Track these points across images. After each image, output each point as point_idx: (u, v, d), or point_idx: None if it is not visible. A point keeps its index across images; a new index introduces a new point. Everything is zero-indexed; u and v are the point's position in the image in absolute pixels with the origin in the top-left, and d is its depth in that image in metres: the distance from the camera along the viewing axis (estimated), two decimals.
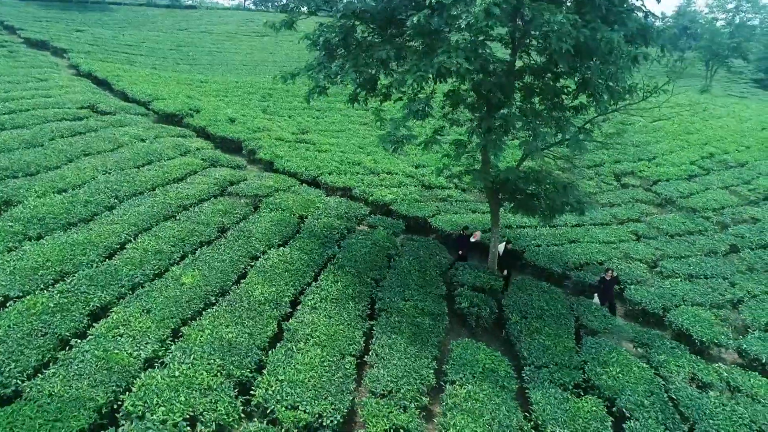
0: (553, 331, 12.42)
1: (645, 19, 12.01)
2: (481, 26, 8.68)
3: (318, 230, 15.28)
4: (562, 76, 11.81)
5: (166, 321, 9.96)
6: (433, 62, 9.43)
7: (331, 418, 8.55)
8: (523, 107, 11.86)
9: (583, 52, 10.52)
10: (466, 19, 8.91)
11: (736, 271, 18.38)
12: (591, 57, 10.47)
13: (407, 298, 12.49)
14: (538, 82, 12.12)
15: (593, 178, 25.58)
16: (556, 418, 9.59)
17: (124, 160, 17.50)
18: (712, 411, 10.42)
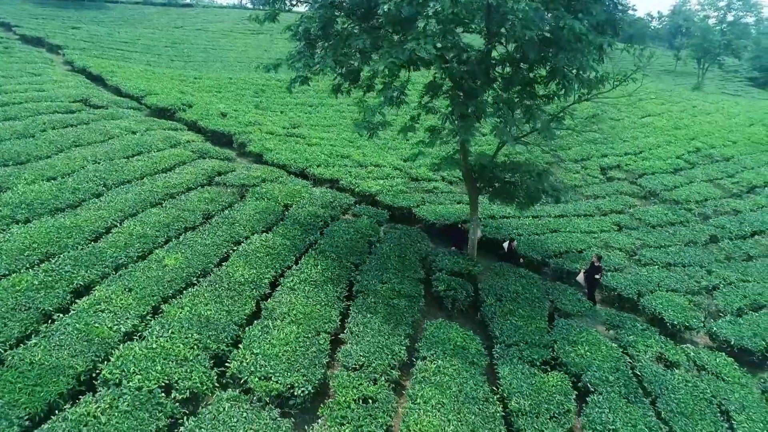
0: (527, 313, 12.79)
1: (614, 9, 12.34)
2: (448, 14, 9.05)
3: (302, 218, 15.65)
4: (534, 65, 12.15)
5: (147, 299, 10.34)
6: (404, 49, 9.80)
7: (303, 389, 8.93)
8: (495, 95, 12.21)
9: (552, 41, 10.90)
10: (434, 7, 9.29)
11: (714, 260, 18.78)
12: (559, 46, 10.80)
13: (385, 281, 12.86)
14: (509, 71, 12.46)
15: (579, 171, 25.94)
16: (521, 391, 9.96)
17: (113, 151, 17.87)
18: (674, 386, 10.80)
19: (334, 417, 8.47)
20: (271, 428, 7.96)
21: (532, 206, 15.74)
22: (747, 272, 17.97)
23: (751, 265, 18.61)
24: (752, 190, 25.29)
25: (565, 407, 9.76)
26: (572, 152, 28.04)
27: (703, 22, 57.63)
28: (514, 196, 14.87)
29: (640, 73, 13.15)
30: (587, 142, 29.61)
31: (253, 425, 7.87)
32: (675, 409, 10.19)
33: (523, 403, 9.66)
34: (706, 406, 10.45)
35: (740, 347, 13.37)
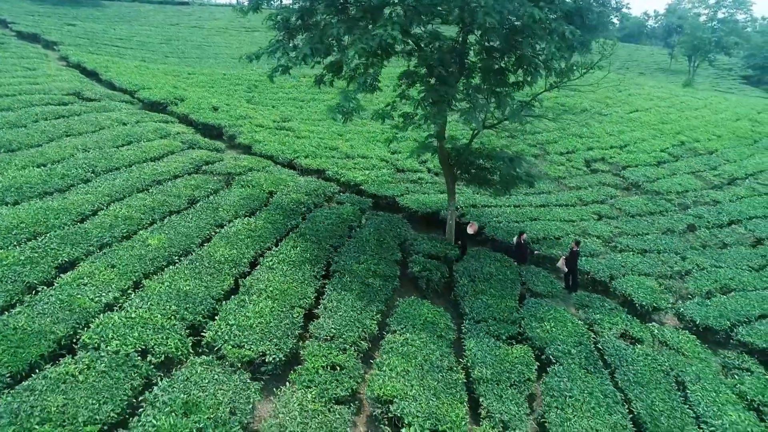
0: (498, 292, 13.28)
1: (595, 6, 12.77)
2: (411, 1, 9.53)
3: (285, 204, 16.13)
4: (504, 53, 12.62)
5: (129, 274, 10.82)
6: (373, 35, 10.29)
7: (274, 356, 9.41)
8: (466, 82, 12.68)
9: (517, 29, 11.38)
10: None
11: (690, 247, 19.28)
12: (524, 34, 11.28)
13: (361, 262, 13.34)
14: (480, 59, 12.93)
15: (564, 164, 26.39)
16: (485, 361, 10.45)
17: (104, 141, 18.36)
18: (633, 359, 11.28)
19: (302, 381, 8.96)
20: (241, 389, 8.44)
21: (508, 192, 16.26)
22: (721, 259, 18.46)
23: (725, 252, 19.09)
24: (733, 181, 25.80)
25: (526, 376, 10.24)
26: (558, 146, 28.51)
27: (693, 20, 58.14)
28: (490, 182, 15.37)
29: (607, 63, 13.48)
30: (573, 136, 30.08)
31: (223, 386, 8.35)
32: (632, 379, 10.67)
33: (486, 371, 10.14)
34: (663, 377, 10.93)
35: (705, 326, 13.87)
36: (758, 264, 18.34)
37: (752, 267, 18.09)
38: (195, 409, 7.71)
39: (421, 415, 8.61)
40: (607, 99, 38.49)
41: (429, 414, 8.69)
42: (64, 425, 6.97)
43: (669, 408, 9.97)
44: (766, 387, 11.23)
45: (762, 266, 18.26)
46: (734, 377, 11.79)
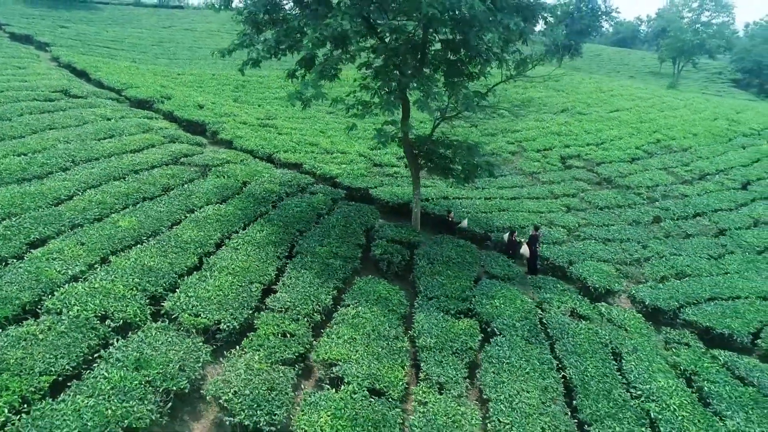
0: (455, 273, 13.92)
1: None
2: None
3: (257, 193, 16.80)
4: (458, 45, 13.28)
5: (97, 251, 11.48)
6: (325, 25, 10.99)
7: (228, 324, 10.06)
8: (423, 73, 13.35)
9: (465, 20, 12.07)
10: None
11: (653, 237, 19.95)
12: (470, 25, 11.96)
13: (324, 245, 14.00)
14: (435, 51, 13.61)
15: (540, 160, 27.07)
16: (430, 331, 11.09)
17: (86, 134, 19.05)
18: (575, 332, 11.92)
19: (252, 345, 9.60)
20: (192, 351, 9.08)
21: (471, 181, 16.92)
22: (681, 248, 19.13)
23: (687, 241, 19.76)
24: (704, 177, 26.48)
25: (469, 345, 10.88)
26: (536, 143, 29.19)
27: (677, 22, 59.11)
28: (452, 171, 16.04)
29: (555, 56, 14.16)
30: (552, 134, 30.78)
31: (176, 348, 8.99)
32: (570, 350, 11.30)
33: (430, 340, 10.79)
34: (601, 349, 11.56)
35: (654, 307, 14.53)
36: (717, 253, 19.01)
37: (711, 255, 18.76)
38: (146, 365, 8.35)
39: (360, 376, 9.25)
40: (588, 99, 39.26)
41: (369, 375, 9.33)
42: (21, 374, 7.60)
43: (600, 374, 10.59)
44: (699, 359, 11.87)
45: (721, 255, 18.92)
46: (672, 350, 12.42)
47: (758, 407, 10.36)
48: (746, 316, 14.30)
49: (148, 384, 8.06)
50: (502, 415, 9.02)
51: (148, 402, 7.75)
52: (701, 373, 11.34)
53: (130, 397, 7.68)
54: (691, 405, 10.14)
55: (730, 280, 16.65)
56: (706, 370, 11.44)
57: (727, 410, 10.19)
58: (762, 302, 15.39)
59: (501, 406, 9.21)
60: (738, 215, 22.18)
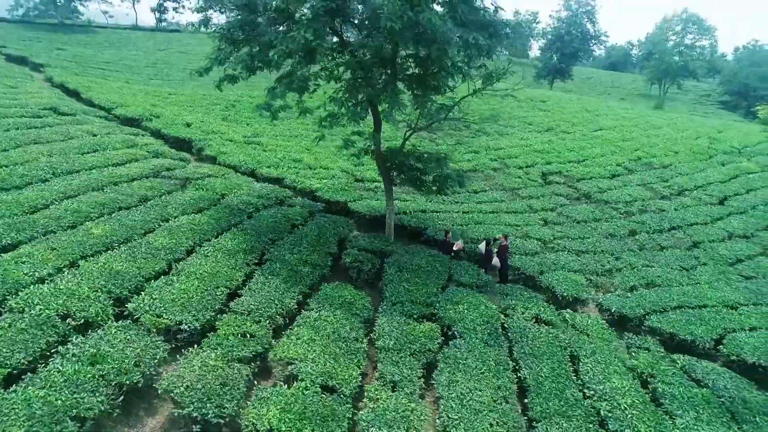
0: (422, 281, 14.19)
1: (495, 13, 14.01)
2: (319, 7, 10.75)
3: (234, 205, 17.15)
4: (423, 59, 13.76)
5: (67, 256, 11.77)
6: (289, 37, 11.48)
7: (189, 324, 10.31)
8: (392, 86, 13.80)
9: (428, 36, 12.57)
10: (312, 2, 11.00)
11: (627, 250, 20.24)
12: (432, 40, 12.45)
13: (295, 253, 14.29)
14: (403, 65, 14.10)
15: (521, 176, 27.51)
16: (390, 334, 11.33)
17: (69, 148, 19.48)
18: (534, 336, 12.15)
19: (210, 344, 9.84)
20: (150, 348, 9.33)
21: (443, 192, 17.29)
22: (654, 259, 19.42)
23: (661, 254, 20.05)
24: (682, 192, 26.88)
25: (427, 347, 11.12)
26: (518, 160, 29.68)
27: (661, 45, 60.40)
28: (424, 183, 16.43)
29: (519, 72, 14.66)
30: (534, 151, 31.30)
31: (133, 345, 9.24)
32: (527, 352, 11.52)
33: (389, 342, 11.02)
34: (559, 351, 11.77)
35: (620, 314, 14.77)
36: (690, 264, 19.29)
37: (683, 267, 19.04)
38: (101, 360, 8.59)
39: (314, 373, 9.47)
40: (573, 118, 39.94)
41: (323, 373, 9.56)
42: None
43: (555, 375, 10.79)
44: (657, 362, 12.08)
45: (693, 266, 19.20)
46: (632, 354, 12.63)
47: (709, 407, 10.55)
48: (711, 323, 14.53)
49: (102, 378, 8.29)
50: (452, 412, 9.22)
51: (100, 394, 7.98)
52: (658, 375, 11.55)
53: (82, 389, 7.91)
54: (643, 404, 10.33)
55: (698, 289, 16.91)
56: (663, 372, 11.65)
57: (678, 410, 10.38)
58: (728, 311, 15.64)
59: (451, 403, 9.42)
60: (713, 229, 22.50)
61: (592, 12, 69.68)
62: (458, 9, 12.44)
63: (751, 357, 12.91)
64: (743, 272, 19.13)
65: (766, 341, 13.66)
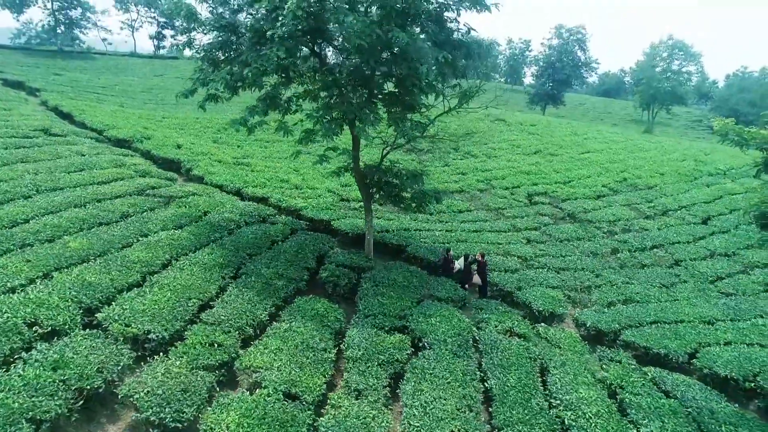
0: (397, 295, 14.29)
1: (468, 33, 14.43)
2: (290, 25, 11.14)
3: (215, 221, 17.35)
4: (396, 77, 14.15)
5: (41, 267, 11.91)
6: (263, 56, 11.84)
7: (158, 334, 10.39)
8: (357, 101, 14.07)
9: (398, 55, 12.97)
10: (282, 20, 11.39)
11: (608, 267, 20.38)
12: (402, 57, 12.85)
13: (271, 267, 14.42)
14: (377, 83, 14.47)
15: (507, 197, 27.79)
16: (360, 344, 11.39)
17: (56, 167, 19.77)
18: (505, 347, 12.21)
19: (177, 353, 9.92)
20: (114, 355, 9.40)
21: (422, 210, 17.51)
22: (635, 277, 19.55)
23: (641, 271, 20.19)
24: (666, 213, 27.14)
25: (396, 357, 11.18)
26: (505, 181, 30.02)
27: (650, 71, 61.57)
28: (403, 199, 16.66)
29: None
30: (521, 173, 31.65)
31: (97, 352, 9.32)
32: (496, 363, 11.57)
33: (357, 352, 11.09)
34: (528, 362, 11.82)
35: (595, 329, 14.84)
36: (670, 282, 19.42)
37: (663, 284, 19.16)
38: (63, 366, 8.67)
39: (278, 381, 9.53)
40: (562, 141, 40.45)
41: (287, 381, 9.61)
42: None
43: (522, 385, 10.82)
44: (626, 374, 12.11)
45: (673, 283, 19.32)
46: (603, 367, 12.67)
47: (676, 417, 10.57)
48: (686, 338, 14.59)
49: (62, 382, 8.36)
50: (414, 419, 9.25)
51: (59, 398, 8.04)
52: (627, 386, 11.58)
53: (41, 393, 7.98)
54: (608, 414, 10.35)
55: (676, 305, 16.99)
56: (632, 383, 11.69)
57: (644, 419, 10.40)
58: (704, 326, 15.71)
59: (414, 411, 9.46)
60: (695, 247, 22.67)
61: (583, 40, 71.13)
62: (428, 29, 12.86)
63: (724, 370, 12.94)
64: (723, 289, 19.22)
65: (740, 355, 13.70)
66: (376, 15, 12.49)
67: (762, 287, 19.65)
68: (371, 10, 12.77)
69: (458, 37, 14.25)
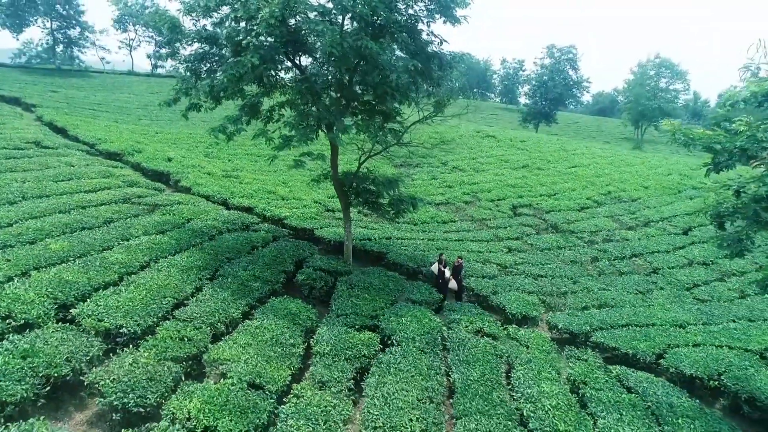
0: (372, 297, 14.60)
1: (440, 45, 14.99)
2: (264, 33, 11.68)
3: (198, 228, 17.71)
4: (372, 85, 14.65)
5: (20, 266, 12.25)
6: (237, 62, 12.37)
7: (130, 329, 10.70)
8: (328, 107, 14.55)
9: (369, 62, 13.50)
10: (256, 30, 11.94)
11: (586, 274, 20.71)
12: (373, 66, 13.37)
13: (248, 270, 14.76)
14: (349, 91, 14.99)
15: (492, 209, 28.21)
16: (328, 341, 11.69)
17: (44, 177, 20.20)
18: (472, 346, 12.50)
19: (147, 346, 10.21)
20: (84, 347, 9.71)
21: (400, 216, 17.90)
22: (611, 283, 19.87)
23: (619, 279, 20.51)
24: (648, 224, 27.53)
25: (363, 353, 11.46)
26: (491, 194, 30.49)
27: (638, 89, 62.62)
28: (380, 206, 17.06)
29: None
30: (507, 186, 32.14)
31: (68, 343, 9.62)
32: (461, 359, 11.85)
33: (325, 348, 11.38)
34: (494, 359, 12.09)
35: (567, 331, 15.13)
36: (646, 288, 19.74)
37: (639, 291, 19.49)
38: (33, 354, 8.96)
39: (243, 372, 9.81)
40: (550, 156, 41.03)
41: (252, 372, 9.90)
42: None
43: (485, 379, 11.08)
44: (590, 371, 12.37)
45: (649, 290, 19.65)
46: (569, 365, 12.94)
47: (634, 410, 10.82)
48: (655, 339, 14.86)
49: (31, 369, 8.65)
50: (374, 408, 9.52)
51: (26, 383, 8.33)
52: (590, 382, 11.84)
53: (8, 378, 8.28)
54: (568, 407, 10.60)
55: (650, 310, 17.29)
56: (595, 380, 11.95)
57: (602, 412, 10.65)
58: (676, 329, 15.99)
59: (375, 401, 9.73)
60: (674, 256, 23.02)
61: (574, 59, 72.34)
62: (399, 39, 13.42)
63: (689, 370, 13.19)
64: (698, 296, 19.55)
65: (708, 356, 13.97)
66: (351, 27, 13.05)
67: (737, 294, 20.00)
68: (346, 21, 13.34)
69: (434, 49, 14.80)
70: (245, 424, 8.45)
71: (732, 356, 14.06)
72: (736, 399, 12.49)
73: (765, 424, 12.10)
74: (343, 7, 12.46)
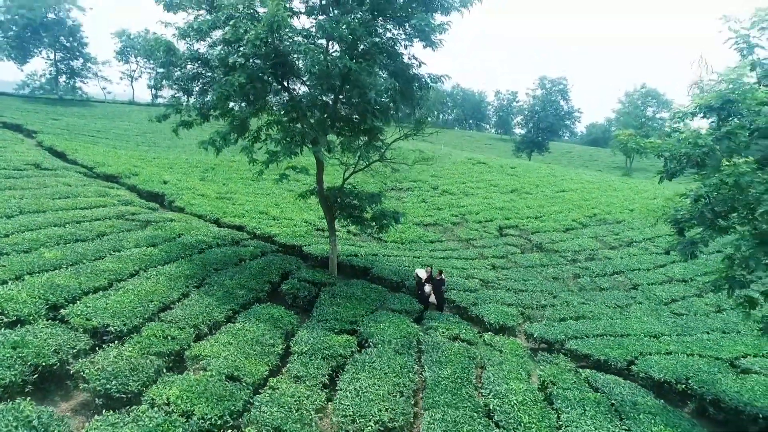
0: (353, 306, 15.15)
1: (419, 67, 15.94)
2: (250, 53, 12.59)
3: (188, 242, 18.34)
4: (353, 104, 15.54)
5: (14, 272, 12.84)
6: (225, 81, 13.23)
7: (116, 327, 11.24)
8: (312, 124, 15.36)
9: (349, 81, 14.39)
10: (243, 50, 12.84)
11: (566, 290, 21.26)
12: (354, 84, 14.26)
13: (235, 279, 15.34)
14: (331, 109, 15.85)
15: (478, 229, 28.89)
16: (308, 341, 12.21)
17: (42, 194, 20.94)
18: (446, 348, 13.01)
19: (132, 342, 10.74)
20: (71, 341, 10.24)
21: (384, 231, 18.55)
22: (591, 298, 20.42)
23: (599, 294, 21.06)
24: (631, 244, 28.19)
25: (339, 353, 11.97)
26: (479, 216, 31.22)
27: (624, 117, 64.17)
28: (364, 220, 17.74)
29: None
30: (495, 208, 32.89)
31: (56, 338, 10.14)
32: (434, 359, 12.35)
33: (303, 347, 11.89)
34: (466, 360, 12.58)
35: (542, 339, 15.62)
36: (625, 303, 20.28)
37: (618, 305, 20.03)
38: (23, 346, 9.50)
39: (222, 366, 10.32)
40: (539, 181, 41.95)
41: (231, 366, 10.41)
42: None
43: (455, 377, 11.55)
44: (560, 373, 12.85)
45: (628, 304, 20.18)
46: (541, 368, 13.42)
47: (598, 406, 11.27)
48: (628, 348, 15.32)
49: (20, 358, 9.18)
50: (346, 400, 10.00)
51: (15, 370, 8.86)
52: (558, 382, 12.31)
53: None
54: (533, 402, 11.07)
55: (626, 322, 17.81)
56: (564, 380, 12.42)
57: (567, 408, 11.09)
58: (649, 339, 16.48)
59: (347, 394, 10.21)
60: (654, 274, 23.63)
61: (565, 90, 74.19)
62: (379, 60, 14.34)
63: (658, 374, 13.64)
64: (675, 310, 20.08)
65: (678, 363, 14.43)
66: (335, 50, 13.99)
67: (713, 308, 20.52)
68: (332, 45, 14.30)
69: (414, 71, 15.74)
70: (221, 409, 8.94)
71: (702, 363, 14.50)
72: (702, 401, 12.92)
73: (730, 426, 12.50)
74: (325, 30, 13.42)
